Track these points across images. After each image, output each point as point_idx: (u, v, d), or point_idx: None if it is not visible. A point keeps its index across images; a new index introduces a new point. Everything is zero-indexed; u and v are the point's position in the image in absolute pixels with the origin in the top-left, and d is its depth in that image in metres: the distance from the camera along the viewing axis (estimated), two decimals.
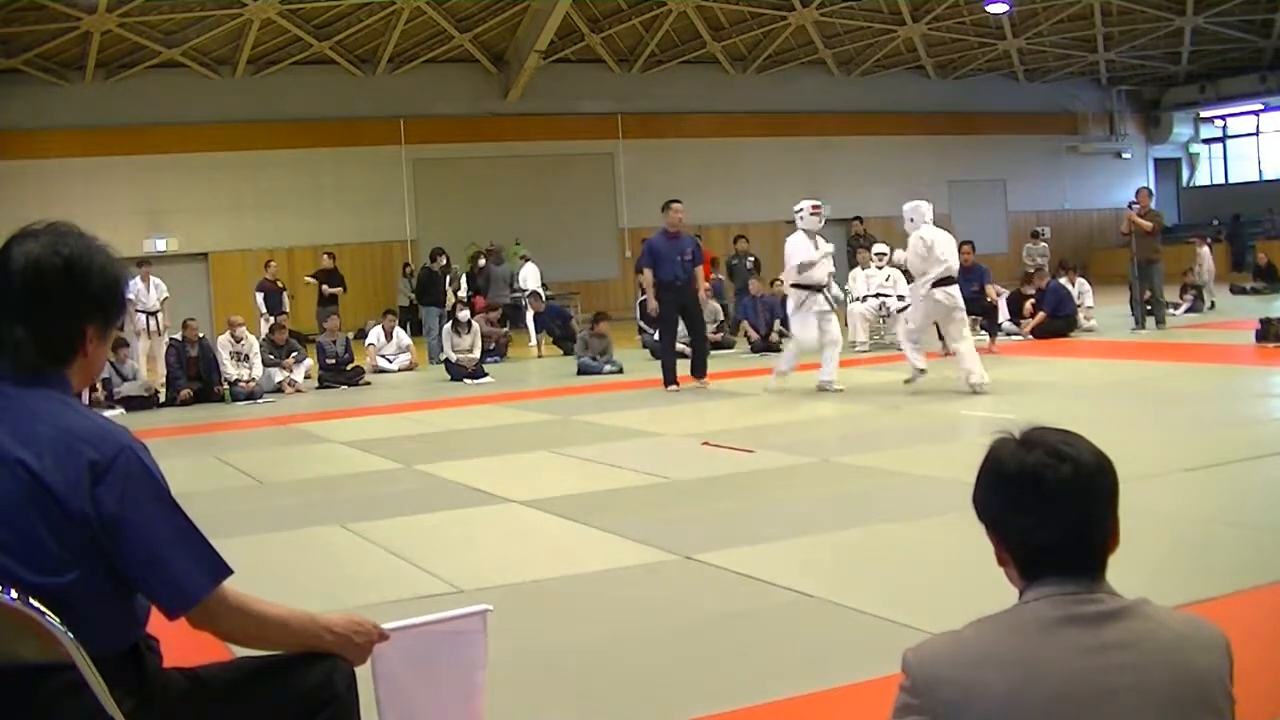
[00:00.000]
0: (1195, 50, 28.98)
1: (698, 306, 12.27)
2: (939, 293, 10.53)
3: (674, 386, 11.86)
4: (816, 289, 11.15)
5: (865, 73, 28.96)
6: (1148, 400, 9.52)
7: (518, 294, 18.96)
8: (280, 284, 18.39)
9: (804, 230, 11.23)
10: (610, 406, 11.02)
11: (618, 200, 26.97)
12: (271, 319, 16.64)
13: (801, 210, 11.32)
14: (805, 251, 11.10)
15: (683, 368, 12.14)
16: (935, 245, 10.56)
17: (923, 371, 10.77)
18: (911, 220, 10.81)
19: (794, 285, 11.24)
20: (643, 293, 16.78)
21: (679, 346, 12.51)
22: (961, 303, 10.83)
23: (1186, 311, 17.32)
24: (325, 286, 18.44)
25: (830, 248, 11.37)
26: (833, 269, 11.49)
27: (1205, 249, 19.97)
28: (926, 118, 29.44)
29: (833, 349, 11.19)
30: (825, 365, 11.17)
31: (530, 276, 19.57)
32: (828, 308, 11.22)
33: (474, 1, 23.66)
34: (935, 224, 10.83)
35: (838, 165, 28.21)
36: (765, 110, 27.94)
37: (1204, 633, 1.72)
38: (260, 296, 18.07)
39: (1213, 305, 18.25)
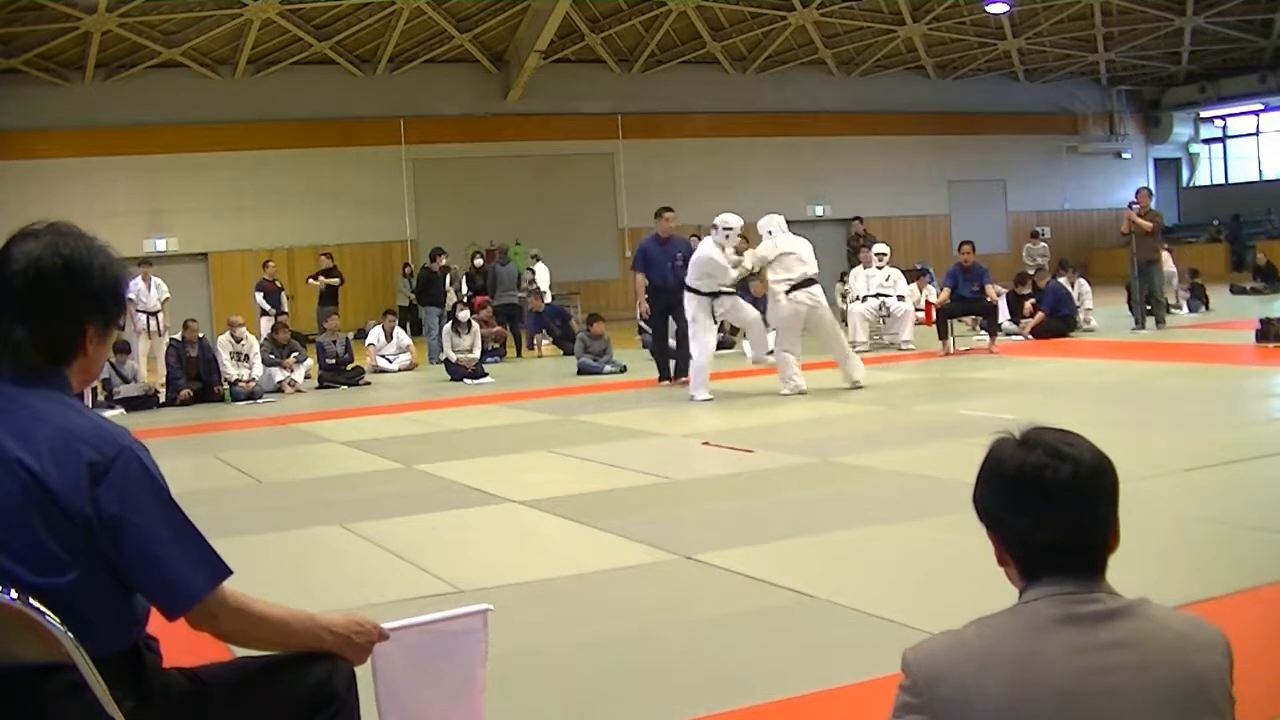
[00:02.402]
0: (1195, 50, 28.98)
1: (684, 311, 12.12)
2: (803, 294, 10.86)
3: (666, 382, 12.27)
4: (717, 295, 11.17)
5: (865, 73, 28.95)
6: (1148, 400, 9.52)
7: (524, 294, 19.02)
8: (279, 284, 18.40)
9: (716, 243, 11.18)
10: (610, 406, 11.02)
11: (618, 200, 26.96)
12: (272, 318, 16.65)
13: (731, 230, 11.18)
14: (721, 257, 11.10)
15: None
16: (799, 249, 10.96)
17: (802, 392, 10.71)
18: (770, 232, 11.14)
19: (697, 291, 11.15)
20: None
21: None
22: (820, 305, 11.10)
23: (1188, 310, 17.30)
24: (324, 277, 18.48)
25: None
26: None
27: (1164, 253, 19.98)
28: (926, 118, 29.43)
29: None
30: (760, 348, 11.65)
31: (542, 277, 19.62)
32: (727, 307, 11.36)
33: (474, 1, 23.66)
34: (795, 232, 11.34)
35: (838, 165, 28.22)
36: (765, 110, 27.94)
37: (1204, 633, 1.72)
38: (260, 296, 18.09)
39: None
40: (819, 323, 11.07)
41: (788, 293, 10.86)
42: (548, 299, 19.06)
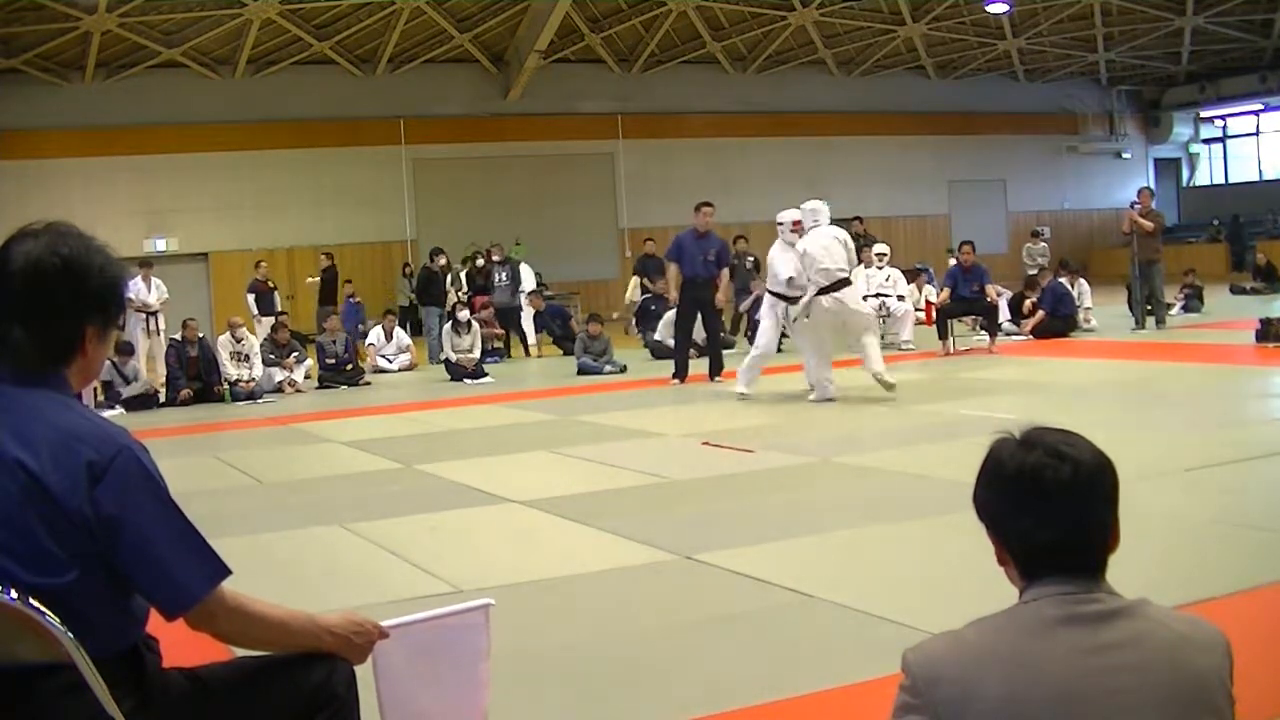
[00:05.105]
0: (1195, 50, 28.97)
1: (714, 307, 12.59)
2: (828, 299, 10.23)
3: (675, 381, 12.25)
4: (794, 300, 10.57)
5: (865, 73, 28.94)
6: (1148, 400, 9.52)
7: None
8: (272, 284, 18.36)
9: (785, 243, 10.66)
10: (610, 406, 11.01)
11: (618, 200, 26.96)
12: (264, 320, 16.62)
13: (783, 225, 10.67)
14: (790, 265, 10.57)
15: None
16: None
17: (830, 400, 10.22)
18: (816, 222, 10.39)
19: (775, 294, 10.83)
20: (644, 291, 16.90)
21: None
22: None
23: (1182, 310, 17.28)
24: (321, 277, 18.51)
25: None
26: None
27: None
28: (926, 118, 29.41)
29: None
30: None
31: (526, 277, 19.62)
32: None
33: (474, 1, 23.65)
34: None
35: (838, 165, 28.19)
36: (765, 110, 27.92)
37: (1204, 633, 1.71)
38: (252, 298, 18.01)
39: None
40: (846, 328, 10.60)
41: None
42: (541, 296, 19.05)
